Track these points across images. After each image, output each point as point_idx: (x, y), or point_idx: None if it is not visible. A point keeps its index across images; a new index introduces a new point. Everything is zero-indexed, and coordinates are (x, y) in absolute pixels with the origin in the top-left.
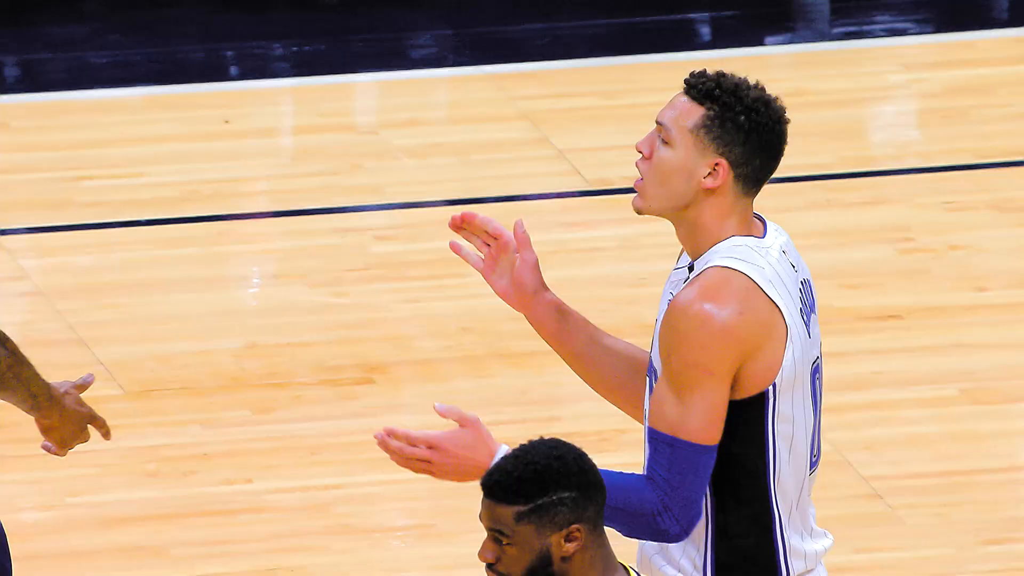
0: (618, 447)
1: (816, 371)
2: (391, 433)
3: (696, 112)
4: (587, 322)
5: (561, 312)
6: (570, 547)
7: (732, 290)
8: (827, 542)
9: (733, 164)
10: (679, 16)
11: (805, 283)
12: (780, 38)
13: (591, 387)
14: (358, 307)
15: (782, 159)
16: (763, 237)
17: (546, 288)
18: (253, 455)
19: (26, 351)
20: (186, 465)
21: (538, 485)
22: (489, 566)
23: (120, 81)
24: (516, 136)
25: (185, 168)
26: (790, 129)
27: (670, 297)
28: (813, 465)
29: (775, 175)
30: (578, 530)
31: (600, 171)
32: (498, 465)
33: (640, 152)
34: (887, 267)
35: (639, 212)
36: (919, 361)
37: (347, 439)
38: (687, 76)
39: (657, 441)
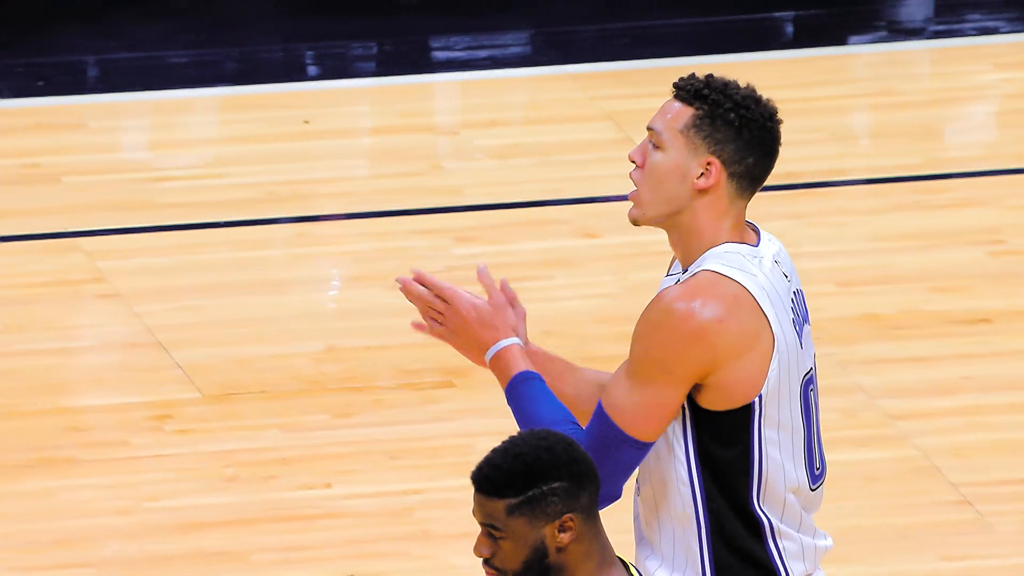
0: None
1: (809, 382)
2: (419, 278)
3: (686, 113)
4: (570, 364)
5: (548, 358)
6: (564, 537)
7: (719, 295)
8: (827, 543)
9: (726, 162)
10: (763, 15)
11: (798, 293)
12: (866, 37)
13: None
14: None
15: (777, 161)
16: (757, 245)
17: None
18: (332, 460)
19: (104, 354)
20: (265, 470)
21: (528, 477)
22: (485, 561)
23: (199, 81)
24: (598, 136)
25: (264, 169)
26: (877, 130)
27: None
28: (817, 479)
29: (865, 175)
30: (571, 519)
31: None
32: (487, 459)
33: (633, 162)
34: (976, 270)
35: (635, 223)
36: (1009, 365)
37: (427, 443)
38: (675, 81)
39: (596, 411)
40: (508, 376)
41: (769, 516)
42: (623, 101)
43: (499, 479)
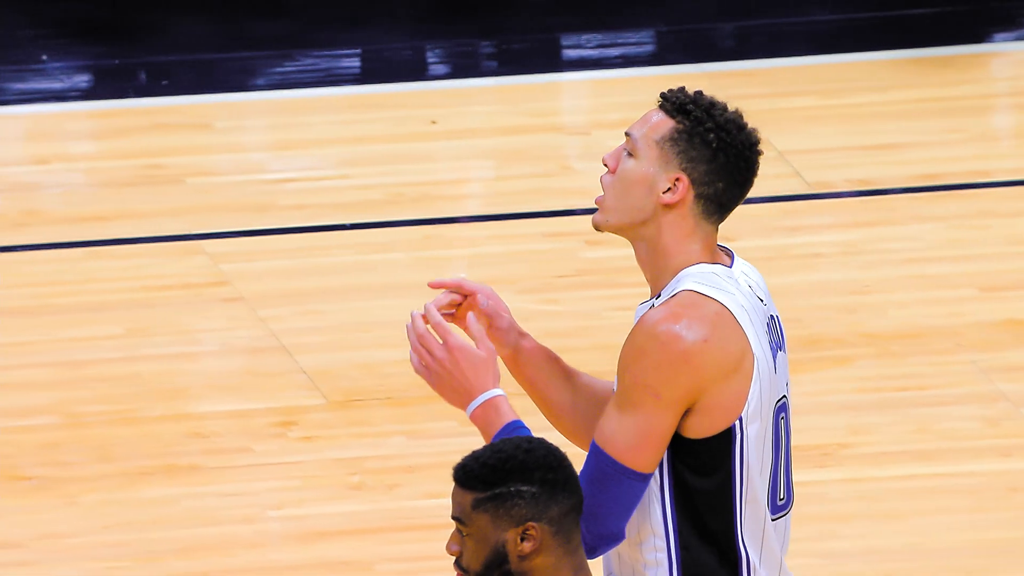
0: (840, 461)
1: (781, 410)
2: (428, 313)
3: (666, 125)
4: (569, 370)
5: (549, 357)
6: (526, 546)
7: (702, 315)
8: None
9: (694, 182)
10: (900, 12)
11: (773, 319)
12: (1009, 35)
13: (569, 432)
14: (568, 315)
15: (751, 189)
16: (730, 267)
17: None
18: None
19: (227, 359)
20: (391, 478)
21: (499, 473)
22: (456, 562)
23: (324, 81)
24: None
25: (390, 170)
26: (1020, 130)
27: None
28: (781, 509)
29: (1008, 177)
30: (534, 528)
31: (821, 173)
32: (473, 452)
33: (606, 165)
34: None
35: (597, 228)
36: None
37: None
38: (663, 91)
39: (591, 449)
40: (499, 424)
41: (749, 550)
42: (756, 101)
43: (473, 470)
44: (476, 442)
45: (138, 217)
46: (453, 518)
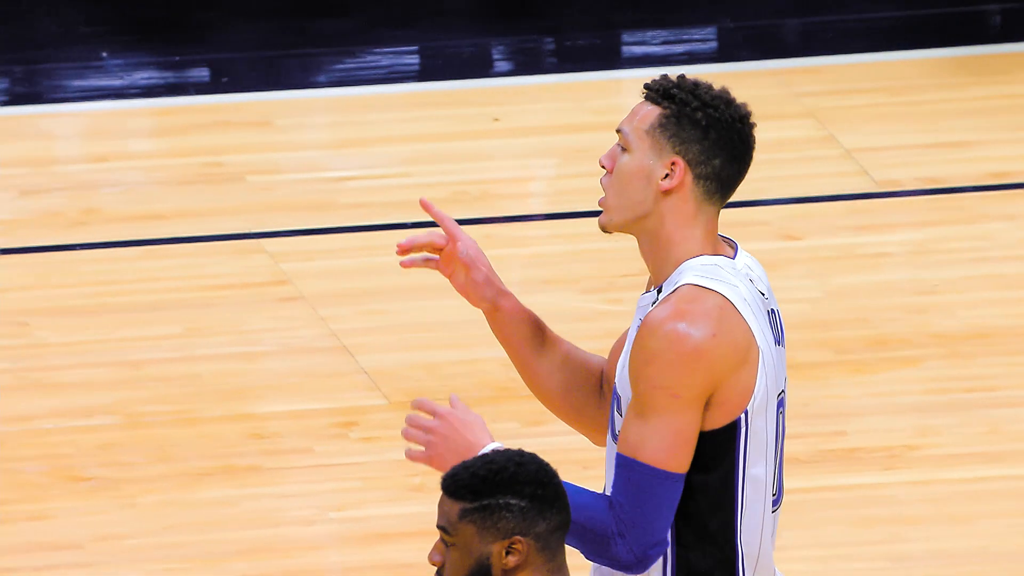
0: (908, 464)
1: (780, 404)
2: (416, 404)
3: (653, 113)
4: (552, 337)
5: (535, 323)
6: (511, 560)
7: (706, 310)
8: None
9: (691, 163)
10: (971, 8)
11: (773, 313)
12: None
13: (543, 399)
14: (632, 315)
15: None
16: (734, 259)
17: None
18: None
19: (287, 359)
20: None
21: (489, 484)
22: (437, 572)
23: (386, 78)
24: (800, 134)
25: (452, 168)
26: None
27: (638, 323)
28: (775, 503)
29: None
30: (520, 543)
31: (890, 171)
32: (463, 462)
33: (603, 167)
34: None
35: (604, 229)
36: None
37: None
38: (646, 82)
39: (619, 464)
40: None
41: (746, 547)
42: (826, 98)
43: (463, 480)
44: (538, 443)
45: (198, 216)
46: (438, 527)
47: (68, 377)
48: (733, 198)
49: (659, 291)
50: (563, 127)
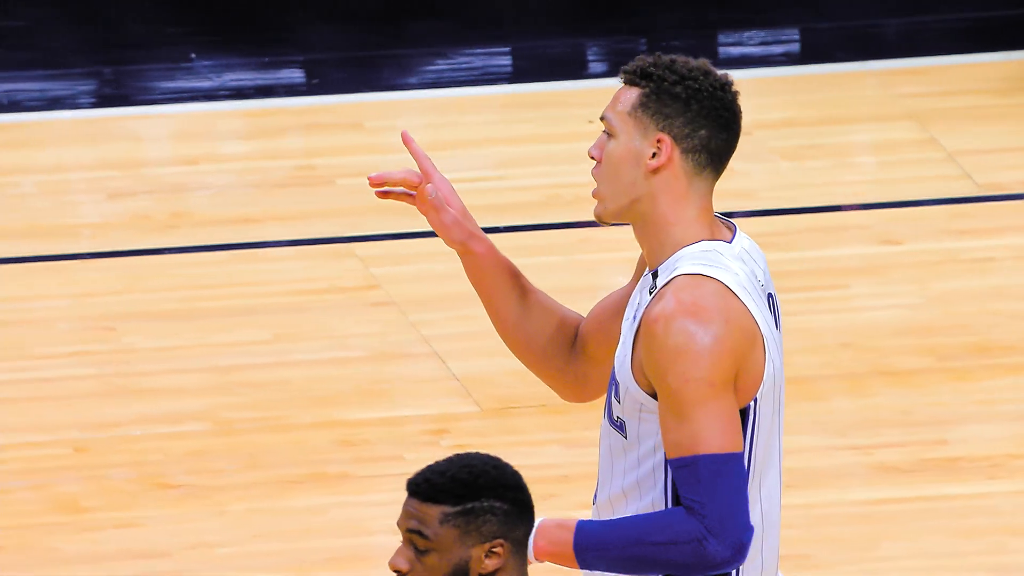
0: (1011, 473)
1: (782, 391)
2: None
3: (633, 94)
4: (527, 287)
5: (511, 271)
6: (490, 564)
7: (710, 299)
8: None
9: (676, 137)
10: None
11: (770, 297)
12: None
13: (511, 346)
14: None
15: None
16: (731, 242)
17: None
18: None
19: (378, 365)
20: (545, 487)
21: (472, 488)
22: None
23: (479, 80)
24: (901, 137)
25: (547, 171)
26: None
27: (636, 306)
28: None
29: None
30: (501, 546)
31: (993, 175)
32: (430, 466)
33: (592, 158)
34: None
35: (599, 220)
36: None
37: None
38: (623, 66)
39: (677, 469)
40: (570, 527)
41: (765, 520)
42: (928, 99)
43: (441, 484)
44: None
45: (288, 219)
46: (409, 532)
47: (157, 383)
48: (830, 201)
49: (655, 275)
50: None
